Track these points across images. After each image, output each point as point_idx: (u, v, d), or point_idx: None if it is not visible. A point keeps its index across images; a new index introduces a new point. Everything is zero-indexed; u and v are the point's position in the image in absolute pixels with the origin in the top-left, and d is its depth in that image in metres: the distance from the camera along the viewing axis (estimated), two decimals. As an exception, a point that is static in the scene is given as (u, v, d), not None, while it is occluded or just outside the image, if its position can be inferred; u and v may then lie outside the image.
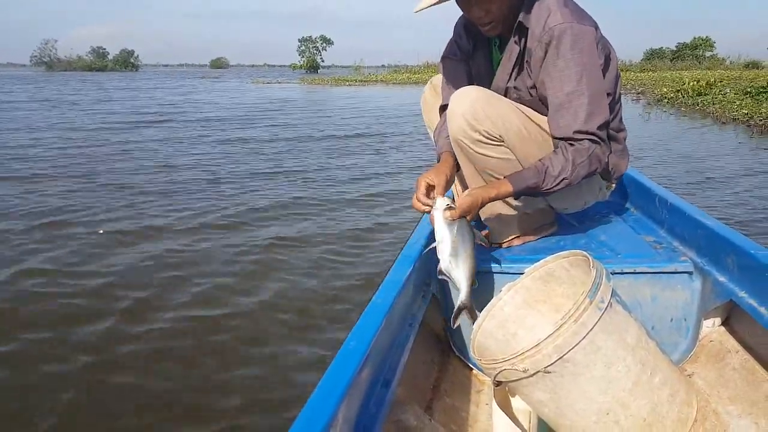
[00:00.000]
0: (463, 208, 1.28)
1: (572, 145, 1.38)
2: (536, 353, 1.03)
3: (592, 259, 1.15)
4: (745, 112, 9.79)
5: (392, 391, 1.02)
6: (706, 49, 46.76)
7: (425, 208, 1.32)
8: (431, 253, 1.30)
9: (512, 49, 1.47)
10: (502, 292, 1.28)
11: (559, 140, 1.40)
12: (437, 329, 1.55)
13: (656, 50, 49.98)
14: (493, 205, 1.52)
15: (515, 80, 1.50)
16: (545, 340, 1.03)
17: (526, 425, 1.23)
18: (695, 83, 14.93)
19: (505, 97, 1.51)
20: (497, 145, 1.45)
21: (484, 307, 1.27)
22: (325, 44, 67.22)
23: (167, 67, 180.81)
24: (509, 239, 1.65)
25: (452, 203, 1.29)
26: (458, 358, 1.52)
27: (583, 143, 1.37)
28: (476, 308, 1.26)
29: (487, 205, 1.41)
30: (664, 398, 1.08)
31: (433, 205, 1.30)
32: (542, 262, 1.28)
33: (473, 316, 1.25)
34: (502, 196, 1.37)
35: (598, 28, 1.42)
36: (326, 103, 15.91)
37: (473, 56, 1.62)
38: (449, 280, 1.28)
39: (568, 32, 1.35)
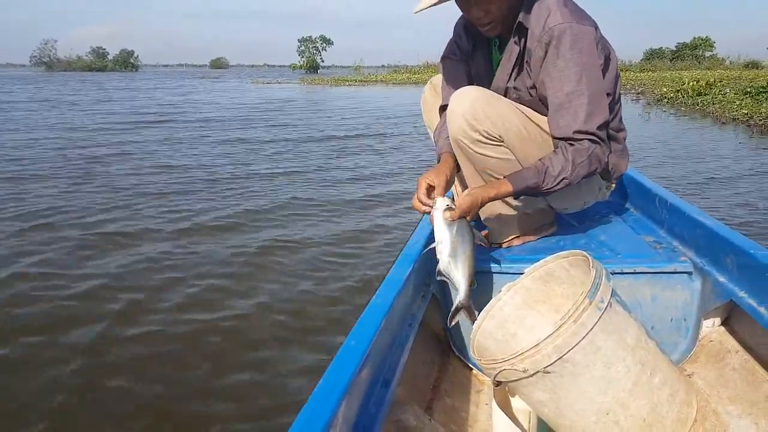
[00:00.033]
0: (462, 208, 1.28)
1: (572, 145, 1.38)
2: (536, 353, 1.03)
3: (591, 259, 1.15)
4: (744, 112, 9.80)
5: (392, 391, 1.02)
6: (705, 49, 46.82)
7: (425, 208, 1.32)
8: (431, 253, 1.30)
9: (512, 49, 1.47)
10: (501, 292, 1.28)
11: (558, 140, 1.40)
12: (437, 329, 1.55)
13: (656, 50, 50.04)
14: (492, 205, 1.52)
15: (515, 80, 1.50)
16: (545, 340, 1.03)
17: (525, 425, 1.23)
18: (695, 83, 14.95)
19: (504, 97, 1.51)
20: (497, 145, 1.45)
21: (483, 307, 1.27)
22: (324, 44, 67.27)
23: (167, 67, 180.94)
24: (509, 239, 1.65)
25: (452, 203, 1.29)
26: (458, 358, 1.52)
27: (582, 143, 1.37)
28: (476, 308, 1.26)
29: (486, 205, 1.41)
30: (663, 398, 1.08)
31: (433, 205, 1.30)
32: (542, 262, 1.28)
33: (472, 316, 1.25)
34: (501, 195, 1.37)
35: (597, 28, 1.43)
36: (326, 103, 15.91)
37: (473, 56, 1.62)
38: (448, 280, 1.27)
39: (567, 32, 1.35)
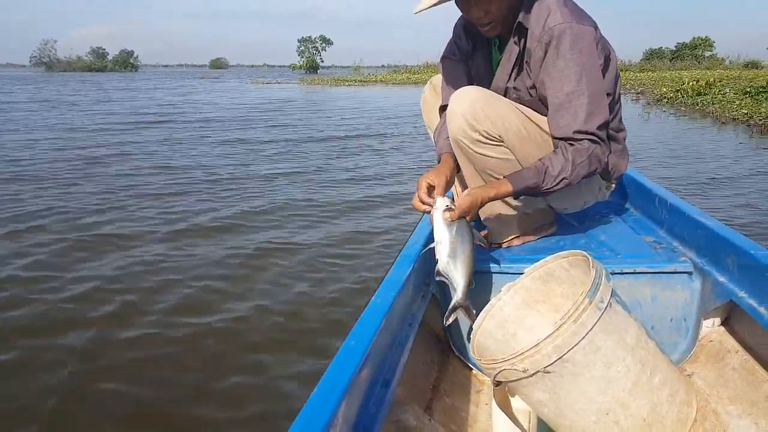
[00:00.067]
0: (462, 208, 1.27)
1: (572, 145, 1.38)
2: (536, 353, 1.03)
3: (591, 259, 1.15)
4: (744, 111, 9.81)
5: (392, 391, 1.02)
6: (705, 49, 46.85)
7: (425, 207, 1.32)
8: (431, 253, 1.30)
9: (512, 49, 1.47)
10: (501, 292, 1.28)
11: (558, 140, 1.40)
12: (437, 329, 1.55)
13: (655, 50, 50.07)
14: (492, 205, 1.52)
15: (515, 80, 1.50)
16: (545, 340, 1.03)
17: (525, 425, 1.23)
18: (695, 83, 14.96)
19: (504, 97, 1.51)
20: (497, 145, 1.45)
21: (483, 307, 1.27)
22: (324, 44, 67.28)
23: (167, 67, 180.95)
24: (509, 239, 1.65)
25: (452, 204, 1.29)
26: (458, 358, 1.52)
27: (582, 143, 1.37)
28: (475, 308, 1.26)
29: (486, 205, 1.41)
30: (663, 398, 1.08)
31: (432, 205, 1.30)
32: (542, 262, 1.28)
33: (470, 315, 1.26)
34: (501, 195, 1.37)
35: (597, 28, 1.43)
36: (326, 103, 15.91)
37: (473, 57, 1.62)
38: (447, 280, 1.27)
39: (567, 32, 1.35)
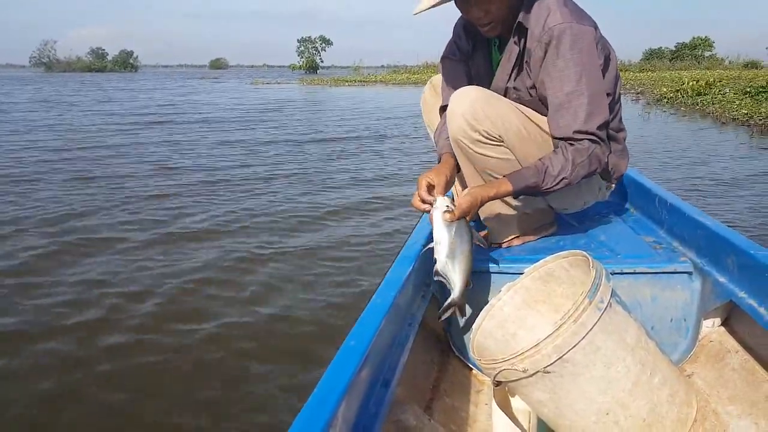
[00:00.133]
0: (462, 207, 1.27)
1: (572, 144, 1.38)
2: (536, 353, 1.03)
3: (591, 259, 1.15)
4: (744, 112, 9.81)
5: (392, 390, 1.02)
6: (705, 49, 46.87)
7: (425, 207, 1.32)
8: (431, 253, 1.30)
9: (512, 49, 1.47)
10: (501, 292, 1.28)
11: (558, 140, 1.40)
12: (437, 329, 1.55)
13: (655, 50, 50.08)
14: (492, 205, 1.52)
15: (515, 80, 1.50)
16: (545, 340, 1.03)
17: (525, 425, 1.23)
18: (694, 83, 14.97)
19: (504, 97, 1.51)
20: (497, 145, 1.45)
21: (483, 307, 1.27)
22: (324, 45, 67.28)
23: (167, 67, 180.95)
24: (509, 239, 1.64)
25: (452, 203, 1.29)
26: (458, 358, 1.52)
27: (582, 143, 1.37)
28: (475, 308, 1.26)
29: (486, 205, 1.41)
30: (663, 398, 1.08)
31: (432, 204, 1.30)
32: (542, 262, 1.28)
33: (463, 313, 1.30)
34: (501, 195, 1.37)
35: (597, 28, 1.43)
36: (325, 103, 15.91)
37: (473, 57, 1.62)
38: (445, 280, 1.27)
39: (567, 32, 1.35)
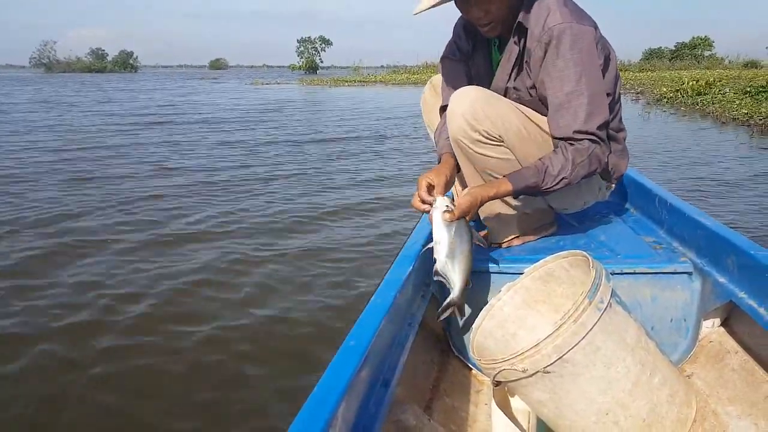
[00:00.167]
0: (462, 207, 1.27)
1: (572, 144, 1.38)
2: (535, 353, 1.03)
3: (591, 259, 1.15)
4: (744, 111, 9.81)
5: (391, 390, 1.02)
6: (705, 48, 46.88)
7: (425, 207, 1.32)
8: (431, 253, 1.30)
9: (512, 49, 1.47)
10: (501, 292, 1.28)
11: (558, 140, 1.40)
12: (437, 329, 1.55)
13: (655, 50, 50.09)
14: (492, 204, 1.52)
15: (515, 80, 1.50)
16: (544, 340, 1.03)
17: (525, 425, 1.23)
18: (694, 83, 14.97)
19: (504, 97, 1.51)
20: (497, 145, 1.45)
21: (483, 307, 1.27)
22: (323, 45, 67.24)
23: (167, 68, 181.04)
24: (509, 239, 1.64)
25: (452, 204, 1.29)
26: (458, 358, 1.52)
27: (582, 143, 1.37)
28: (473, 308, 1.26)
29: (486, 205, 1.41)
30: (663, 399, 1.08)
31: (432, 204, 1.30)
32: (542, 262, 1.28)
33: (462, 313, 1.30)
34: (501, 195, 1.37)
35: (597, 28, 1.42)
36: (325, 103, 15.91)
37: (473, 57, 1.62)
38: (444, 280, 1.27)
39: (567, 32, 1.35)
